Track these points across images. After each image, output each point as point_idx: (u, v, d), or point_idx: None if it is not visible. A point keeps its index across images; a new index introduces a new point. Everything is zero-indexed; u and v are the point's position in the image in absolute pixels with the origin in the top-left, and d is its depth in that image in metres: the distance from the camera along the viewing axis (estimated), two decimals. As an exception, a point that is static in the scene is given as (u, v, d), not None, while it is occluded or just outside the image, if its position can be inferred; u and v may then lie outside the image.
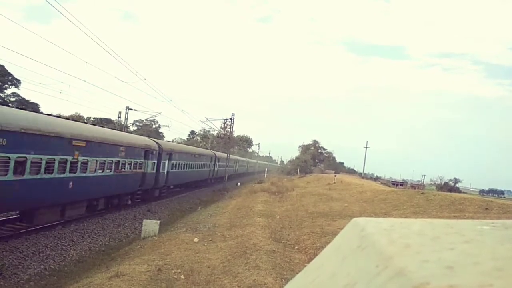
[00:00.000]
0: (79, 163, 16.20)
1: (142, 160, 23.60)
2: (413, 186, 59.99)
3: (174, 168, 30.25)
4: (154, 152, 25.51)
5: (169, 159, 28.89)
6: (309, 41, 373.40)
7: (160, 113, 44.49)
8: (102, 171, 18.36)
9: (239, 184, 47.99)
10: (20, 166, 12.80)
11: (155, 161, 25.74)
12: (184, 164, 33.16)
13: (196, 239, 13.49)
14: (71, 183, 15.74)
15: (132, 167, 21.95)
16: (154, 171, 25.65)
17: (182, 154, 33.01)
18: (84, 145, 16.26)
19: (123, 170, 20.66)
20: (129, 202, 23.27)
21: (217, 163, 47.25)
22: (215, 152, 50.07)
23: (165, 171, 28.28)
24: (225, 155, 46.97)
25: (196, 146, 50.62)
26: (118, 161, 20.01)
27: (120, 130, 32.35)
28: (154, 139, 29.86)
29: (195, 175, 37.81)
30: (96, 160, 17.61)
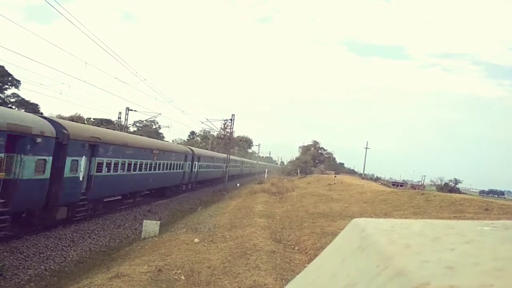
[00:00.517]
0: None
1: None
2: (413, 186, 60.02)
3: (103, 170, 18.85)
4: (34, 139, 13.48)
5: (93, 155, 17.71)
6: (309, 41, 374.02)
7: (160, 114, 44.42)
8: None
9: (238, 185, 47.92)
10: None
11: (46, 158, 14.32)
12: (123, 164, 21.27)
13: (196, 240, 13.50)
14: None
15: None
16: (46, 176, 14.35)
17: (118, 148, 20.54)
18: None
19: None
20: None
21: (196, 162, 37.15)
22: (192, 148, 39.76)
23: (80, 175, 16.70)
24: (209, 152, 46.61)
25: (196, 147, 49.59)
26: None
27: (120, 131, 31.72)
28: (42, 115, 18.19)
29: (153, 179, 26.21)
30: None
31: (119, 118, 44.31)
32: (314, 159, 76.81)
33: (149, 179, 25.46)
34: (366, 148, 69.07)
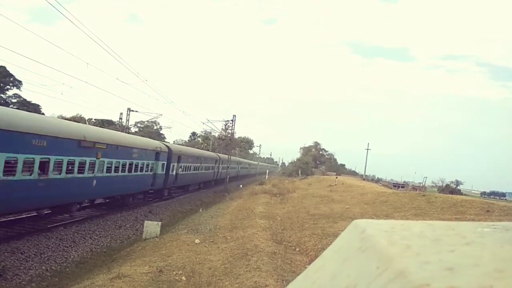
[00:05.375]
0: None
1: None
2: (415, 188, 59.86)
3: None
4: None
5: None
6: (313, 43, 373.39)
7: (161, 115, 44.16)
8: None
9: (241, 186, 47.91)
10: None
11: None
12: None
13: (197, 241, 13.49)
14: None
15: None
16: None
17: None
18: None
19: None
20: None
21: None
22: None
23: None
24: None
25: (198, 148, 49.87)
26: None
27: (121, 132, 32.27)
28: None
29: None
30: None
31: (120, 118, 44.26)
32: (315, 160, 76.82)
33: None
34: (367, 149, 69.06)
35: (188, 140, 78.88)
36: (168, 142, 33.39)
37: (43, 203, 15.18)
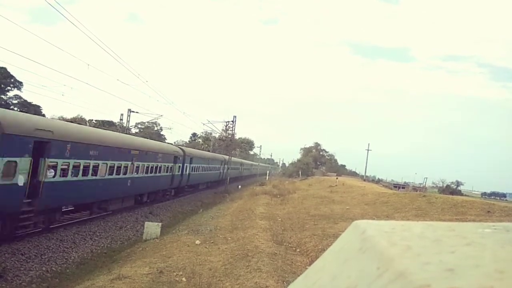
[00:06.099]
0: None
1: None
2: (415, 188, 59.80)
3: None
4: None
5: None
6: (313, 43, 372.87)
7: (162, 116, 44.09)
8: None
9: (239, 186, 47.95)
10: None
11: None
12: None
13: (197, 242, 13.49)
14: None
15: None
16: None
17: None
18: None
19: None
20: None
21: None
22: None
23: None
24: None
25: (198, 149, 49.72)
26: None
27: (122, 133, 31.97)
28: None
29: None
30: None
31: (121, 119, 44.30)
32: (316, 161, 76.89)
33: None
34: (368, 150, 69.10)
35: (189, 141, 78.90)
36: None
37: None
